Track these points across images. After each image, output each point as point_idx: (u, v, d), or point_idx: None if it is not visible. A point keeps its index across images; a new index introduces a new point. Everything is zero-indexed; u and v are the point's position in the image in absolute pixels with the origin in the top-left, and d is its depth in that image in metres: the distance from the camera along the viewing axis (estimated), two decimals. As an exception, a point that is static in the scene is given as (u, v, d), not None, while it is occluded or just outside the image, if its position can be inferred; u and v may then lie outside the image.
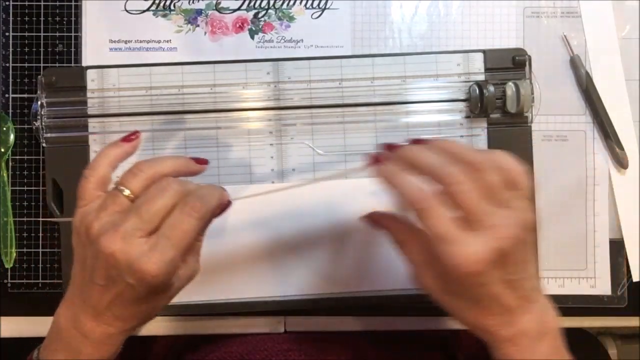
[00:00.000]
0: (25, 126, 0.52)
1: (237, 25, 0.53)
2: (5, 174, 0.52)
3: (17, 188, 0.52)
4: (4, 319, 0.52)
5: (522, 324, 0.36)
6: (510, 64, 0.51)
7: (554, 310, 0.39)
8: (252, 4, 0.52)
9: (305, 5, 0.53)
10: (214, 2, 0.52)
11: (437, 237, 0.34)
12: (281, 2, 0.53)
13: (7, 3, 0.52)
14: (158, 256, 0.35)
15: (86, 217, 0.38)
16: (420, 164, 0.36)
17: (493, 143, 0.51)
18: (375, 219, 0.42)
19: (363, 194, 0.50)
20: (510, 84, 0.49)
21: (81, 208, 0.39)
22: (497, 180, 0.35)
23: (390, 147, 0.39)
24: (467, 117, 0.51)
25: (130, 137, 0.41)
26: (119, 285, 0.36)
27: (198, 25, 0.52)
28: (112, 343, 0.39)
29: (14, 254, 0.52)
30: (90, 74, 0.50)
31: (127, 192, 0.37)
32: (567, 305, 0.52)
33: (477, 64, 0.51)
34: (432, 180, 0.35)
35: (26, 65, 0.52)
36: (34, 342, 0.53)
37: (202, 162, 0.42)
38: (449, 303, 0.38)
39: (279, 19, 0.53)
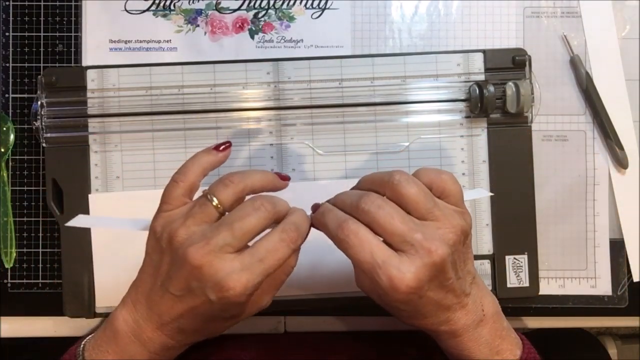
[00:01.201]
0: (25, 126, 0.52)
1: (237, 25, 0.53)
2: (5, 174, 0.52)
3: (17, 188, 0.52)
4: (4, 319, 0.52)
5: (459, 318, 0.37)
6: (510, 64, 0.51)
7: (491, 296, 0.39)
8: (252, 4, 0.52)
9: (305, 5, 0.53)
10: (214, 2, 0.52)
11: (364, 264, 0.34)
12: (281, 2, 0.53)
13: (7, 3, 0.52)
14: (248, 277, 0.34)
15: (171, 224, 0.36)
16: (340, 203, 0.37)
17: (493, 143, 0.51)
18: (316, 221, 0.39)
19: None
20: (510, 84, 0.49)
21: (165, 212, 0.37)
22: (416, 192, 0.35)
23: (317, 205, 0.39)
24: (467, 117, 0.51)
25: (223, 146, 0.40)
26: (197, 299, 0.35)
27: (198, 25, 0.52)
28: (168, 356, 0.38)
29: (14, 254, 0.52)
30: (90, 74, 0.50)
31: (216, 202, 0.36)
32: (568, 305, 0.52)
33: (477, 64, 0.51)
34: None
35: (26, 65, 0.52)
36: (34, 342, 0.53)
37: (285, 178, 0.41)
38: (388, 309, 0.38)
39: (279, 19, 0.53)
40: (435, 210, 0.35)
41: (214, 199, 0.36)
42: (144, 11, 0.52)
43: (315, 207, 0.39)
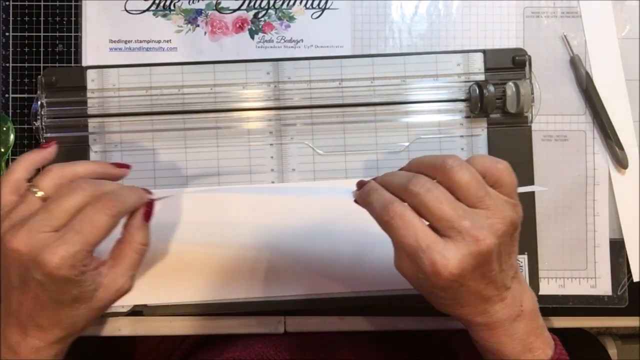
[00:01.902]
0: (25, 126, 0.52)
1: (237, 25, 0.53)
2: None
3: (17, 188, 0.52)
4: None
5: (497, 311, 0.36)
6: (510, 64, 0.51)
7: (530, 292, 0.39)
8: (252, 4, 0.52)
9: (305, 5, 0.53)
10: (214, 2, 0.52)
11: (407, 247, 0.33)
12: (281, 2, 0.53)
13: (7, 3, 0.52)
14: (63, 247, 0.34)
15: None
16: (388, 183, 0.36)
17: (493, 143, 0.51)
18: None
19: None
20: (510, 84, 0.49)
21: None
22: (469, 179, 0.34)
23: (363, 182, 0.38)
24: (467, 117, 0.51)
25: (46, 145, 0.42)
26: (32, 285, 0.35)
27: (198, 25, 0.52)
28: (45, 357, 0.38)
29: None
30: (90, 74, 0.50)
31: (40, 193, 0.37)
32: (568, 305, 0.52)
33: (477, 64, 0.51)
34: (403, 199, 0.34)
35: (26, 65, 0.52)
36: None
37: (123, 166, 0.42)
38: (426, 295, 0.37)
39: (279, 19, 0.53)
40: (486, 199, 0.34)
41: (36, 190, 0.38)
42: (144, 11, 0.52)
43: (361, 184, 0.38)
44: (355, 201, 0.39)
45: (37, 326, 0.37)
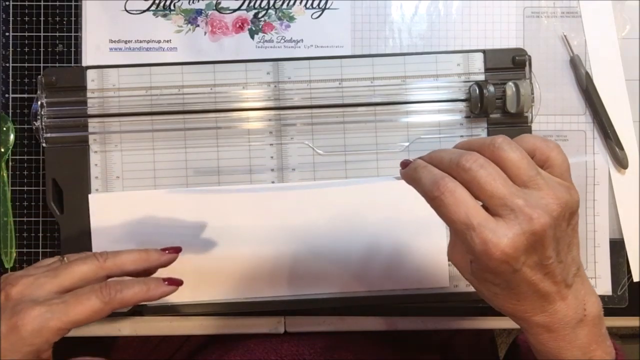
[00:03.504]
0: (25, 126, 0.52)
1: (237, 25, 0.53)
2: (5, 174, 0.52)
3: (17, 188, 0.52)
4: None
5: (557, 311, 0.34)
6: (510, 64, 0.51)
7: (596, 296, 0.36)
8: (252, 4, 0.52)
9: (305, 5, 0.53)
10: (214, 2, 0.52)
11: (458, 225, 0.31)
12: (281, 2, 0.53)
13: (7, 3, 0.52)
14: (41, 309, 0.35)
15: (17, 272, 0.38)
16: (437, 160, 0.34)
17: (493, 143, 0.51)
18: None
19: (364, 195, 0.50)
20: (510, 84, 0.49)
21: None
22: (519, 157, 0.32)
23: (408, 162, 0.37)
24: (467, 117, 0.51)
25: (168, 251, 0.42)
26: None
27: (198, 25, 0.52)
28: None
29: (14, 254, 0.52)
30: (90, 74, 0.50)
31: (65, 260, 0.39)
32: (567, 305, 0.52)
33: (477, 64, 0.51)
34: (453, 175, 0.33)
35: (26, 65, 0.52)
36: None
37: (171, 251, 0.42)
38: (479, 286, 0.35)
39: (279, 19, 0.53)
40: (538, 179, 0.32)
41: (65, 258, 0.39)
42: (144, 11, 0.52)
43: (406, 163, 0.36)
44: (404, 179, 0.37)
45: None
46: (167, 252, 0.41)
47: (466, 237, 0.31)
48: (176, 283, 0.39)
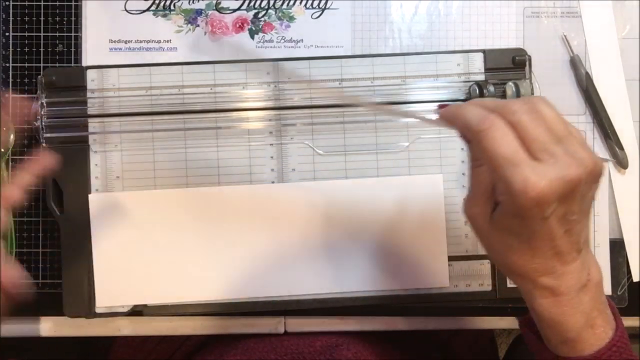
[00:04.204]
0: (25, 126, 0.52)
1: (237, 25, 0.53)
2: (5, 174, 0.52)
3: (17, 188, 0.52)
4: (4, 319, 0.52)
5: (565, 273, 0.35)
6: (510, 64, 0.51)
7: (597, 264, 0.37)
8: (252, 4, 0.52)
9: (305, 5, 0.53)
10: (214, 2, 0.52)
11: (501, 159, 0.32)
12: (281, 2, 0.53)
13: (7, 3, 0.52)
14: None
15: None
16: (480, 102, 0.35)
17: (493, 143, 0.51)
18: (459, 132, 0.36)
19: (364, 195, 0.50)
20: (510, 84, 0.49)
21: None
22: (557, 115, 0.33)
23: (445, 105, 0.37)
24: (467, 117, 0.51)
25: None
26: None
27: (198, 25, 0.52)
28: None
29: (14, 254, 0.52)
30: (90, 74, 0.50)
31: None
32: (567, 305, 0.52)
33: (477, 64, 0.51)
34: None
35: (26, 65, 0.52)
36: (34, 342, 0.54)
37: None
38: (494, 239, 0.36)
39: (279, 19, 0.53)
40: (571, 137, 0.33)
41: None
42: (144, 11, 0.52)
43: (444, 105, 0.37)
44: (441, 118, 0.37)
45: None
46: None
47: (506, 174, 0.32)
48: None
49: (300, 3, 0.52)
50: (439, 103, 0.38)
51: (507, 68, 0.51)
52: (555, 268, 0.35)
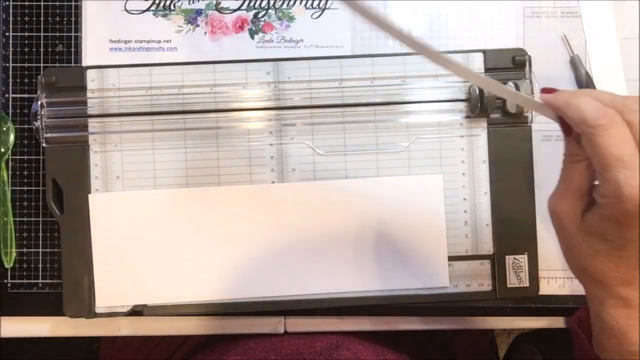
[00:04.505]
0: (25, 126, 0.52)
1: (237, 25, 0.53)
2: (5, 174, 0.52)
3: (17, 188, 0.52)
4: (4, 319, 0.52)
5: None
6: (510, 64, 0.51)
7: None
8: (252, 4, 0.52)
9: (305, 5, 0.53)
10: (214, 2, 0.52)
11: (614, 159, 0.30)
12: (281, 2, 0.53)
13: (7, 3, 0.52)
14: None
15: None
16: (595, 95, 0.33)
17: (493, 143, 0.51)
18: (562, 120, 0.34)
19: (364, 195, 0.50)
20: (510, 83, 0.49)
21: None
22: None
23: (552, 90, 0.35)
24: (467, 117, 0.51)
25: None
26: None
27: (198, 25, 0.52)
28: None
29: (14, 254, 0.52)
30: (90, 74, 0.50)
31: None
32: (568, 305, 0.52)
33: (477, 64, 0.51)
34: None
35: (26, 65, 0.52)
36: (34, 342, 0.54)
37: None
38: (580, 241, 0.34)
39: (279, 19, 0.53)
40: None
41: None
42: (144, 11, 0.52)
43: (548, 90, 0.35)
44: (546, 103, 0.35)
45: None
46: None
47: (617, 176, 0.30)
48: None
49: (300, 3, 0.52)
50: (543, 87, 0.35)
51: (507, 68, 0.51)
52: (635, 279, 0.33)
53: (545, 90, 0.35)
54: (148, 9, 0.52)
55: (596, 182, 0.33)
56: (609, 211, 0.31)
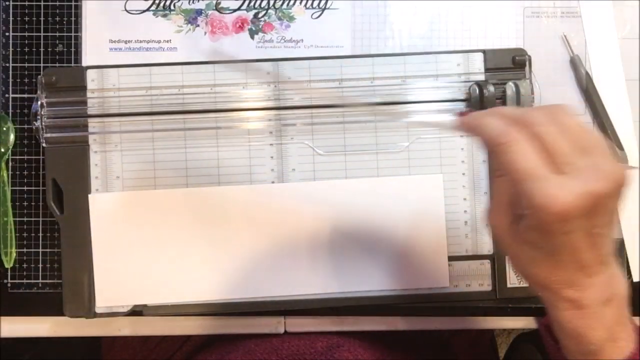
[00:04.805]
0: (25, 126, 0.52)
1: (237, 25, 0.53)
2: (5, 174, 0.52)
3: (17, 188, 0.52)
4: (4, 319, 0.52)
5: (589, 286, 0.34)
6: (510, 64, 0.51)
7: (623, 278, 0.36)
8: (252, 4, 0.52)
9: (305, 5, 0.53)
10: (214, 2, 0.52)
11: (522, 174, 0.31)
12: (281, 2, 0.53)
13: (7, 3, 0.52)
14: None
15: None
16: (500, 112, 0.34)
17: (493, 143, 0.51)
18: (481, 140, 0.35)
19: (364, 195, 0.50)
20: (510, 83, 0.49)
21: None
22: (581, 124, 0.32)
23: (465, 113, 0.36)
24: (467, 117, 0.51)
25: None
26: None
27: (198, 25, 0.52)
28: None
29: (14, 254, 0.52)
30: (90, 74, 0.50)
31: None
32: (567, 305, 0.52)
33: (477, 64, 0.51)
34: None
35: (26, 65, 0.52)
36: (34, 342, 0.54)
37: None
38: (517, 250, 0.35)
39: (279, 19, 0.53)
40: (598, 147, 0.31)
41: None
42: (144, 11, 0.52)
43: (463, 113, 0.36)
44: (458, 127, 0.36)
45: None
46: None
47: (528, 188, 0.30)
48: None
49: (300, 3, 0.52)
50: (460, 111, 0.36)
51: (507, 68, 0.51)
52: (580, 281, 0.34)
53: (460, 114, 0.36)
54: (148, 9, 0.52)
55: None
56: (532, 221, 0.32)
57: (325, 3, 0.53)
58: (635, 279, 0.52)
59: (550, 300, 0.35)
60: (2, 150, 0.51)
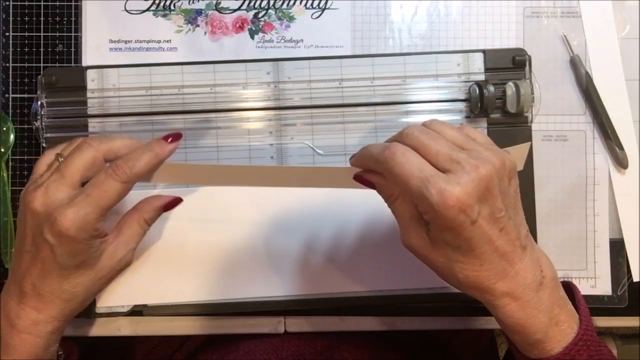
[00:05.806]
0: (25, 126, 0.52)
1: (237, 25, 0.53)
2: (5, 174, 0.52)
3: (17, 188, 0.52)
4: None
5: (518, 273, 0.35)
6: (510, 64, 0.51)
7: (547, 258, 0.38)
8: (252, 4, 0.52)
9: (305, 5, 0.53)
10: (214, 2, 0.52)
11: (413, 179, 0.33)
12: (281, 2, 0.53)
13: (7, 3, 0.52)
14: (73, 210, 0.36)
15: (26, 187, 0.39)
16: (377, 143, 0.37)
17: (493, 143, 0.51)
18: (362, 177, 0.39)
19: (364, 195, 0.50)
20: (510, 84, 0.49)
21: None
22: (452, 128, 0.36)
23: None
24: (467, 117, 0.51)
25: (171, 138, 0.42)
26: (42, 248, 0.37)
27: (198, 25, 0.52)
28: (39, 334, 0.38)
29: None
30: (90, 74, 0.50)
31: (62, 159, 0.40)
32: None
33: (477, 64, 0.51)
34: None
35: (26, 65, 0.52)
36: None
37: (173, 139, 0.42)
38: (440, 258, 0.36)
39: (279, 19, 0.53)
40: (474, 143, 0.35)
41: (62, 157, 0.40)
42: (144, 11, 0.52)
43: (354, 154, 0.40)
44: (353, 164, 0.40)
45: (38, 296, 0.38)
46: (168, 140, 0.41)
47: (422, 192, 0.32)
48: (177, 137, 0.41)
49: (300, 3, 0.52)
50: (351, 155, 0.40)
51: (507, 68, 0.51)
52: (507, 270, 0.35)
53: (350, 158, 0.40)
54: (148, 9, 0.52)
55: None
56: (436, 223, 0.34)
57: (325, 3, 0.53)
58: (636, 279, 0.52)
59: (489, 301, 0.36)
60: (2, 150, 0.51)
